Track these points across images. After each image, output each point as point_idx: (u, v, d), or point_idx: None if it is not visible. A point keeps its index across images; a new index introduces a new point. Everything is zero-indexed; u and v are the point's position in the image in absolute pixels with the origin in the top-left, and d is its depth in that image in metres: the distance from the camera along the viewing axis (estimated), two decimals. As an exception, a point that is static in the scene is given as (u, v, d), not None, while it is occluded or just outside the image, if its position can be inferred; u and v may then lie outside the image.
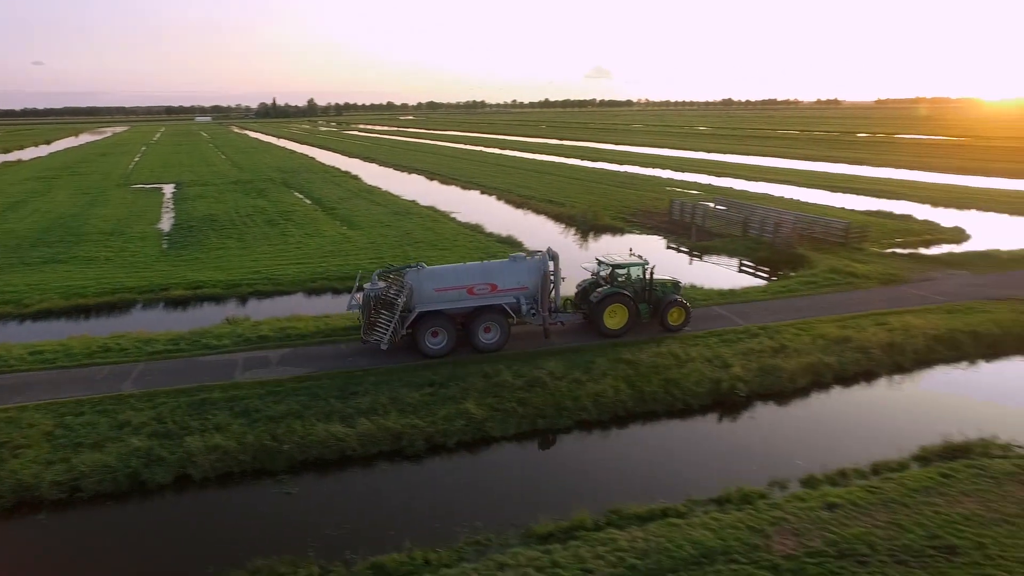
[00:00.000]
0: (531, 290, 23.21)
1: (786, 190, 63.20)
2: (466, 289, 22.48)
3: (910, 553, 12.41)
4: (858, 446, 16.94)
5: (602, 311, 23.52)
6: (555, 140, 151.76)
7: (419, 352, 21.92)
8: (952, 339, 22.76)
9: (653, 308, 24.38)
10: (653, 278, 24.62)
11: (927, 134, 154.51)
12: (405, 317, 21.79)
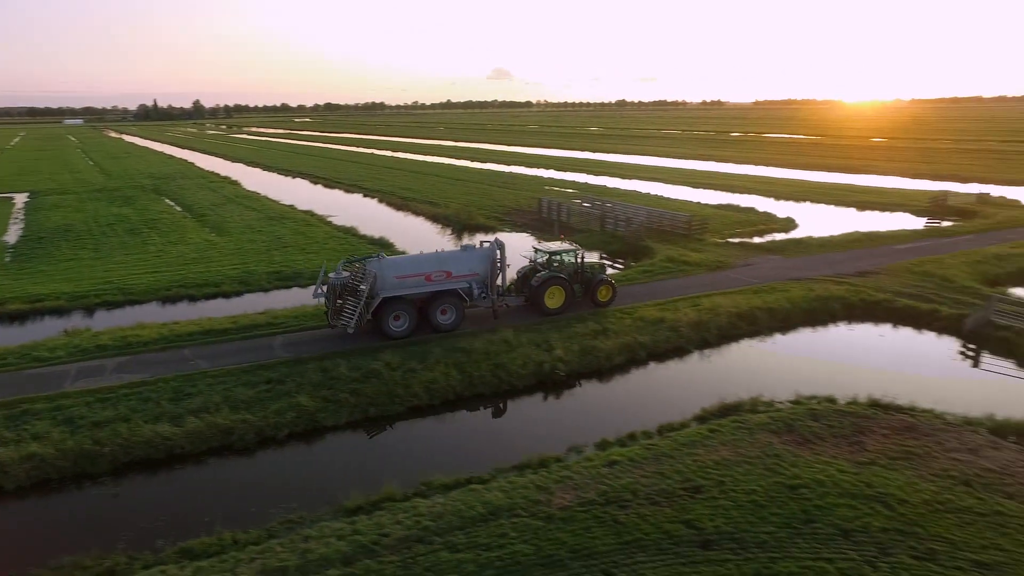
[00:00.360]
0: (481, 275, 25.54)
1: (653, 187, 67.71)
2: (424, 276, 24.52)
3: (664, 495, 14.67)
4: (653, 412, 19.35)
5: (543, 293, 26.24)
6: (450, 142, 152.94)
7: (383, 335, 23.69)
8: (751, 315, 26.10)
9: (585, 288, 27.41)
10: (584, 262, 27.74)
11: (789, 133, 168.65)
12: (369, 303, 23.40)
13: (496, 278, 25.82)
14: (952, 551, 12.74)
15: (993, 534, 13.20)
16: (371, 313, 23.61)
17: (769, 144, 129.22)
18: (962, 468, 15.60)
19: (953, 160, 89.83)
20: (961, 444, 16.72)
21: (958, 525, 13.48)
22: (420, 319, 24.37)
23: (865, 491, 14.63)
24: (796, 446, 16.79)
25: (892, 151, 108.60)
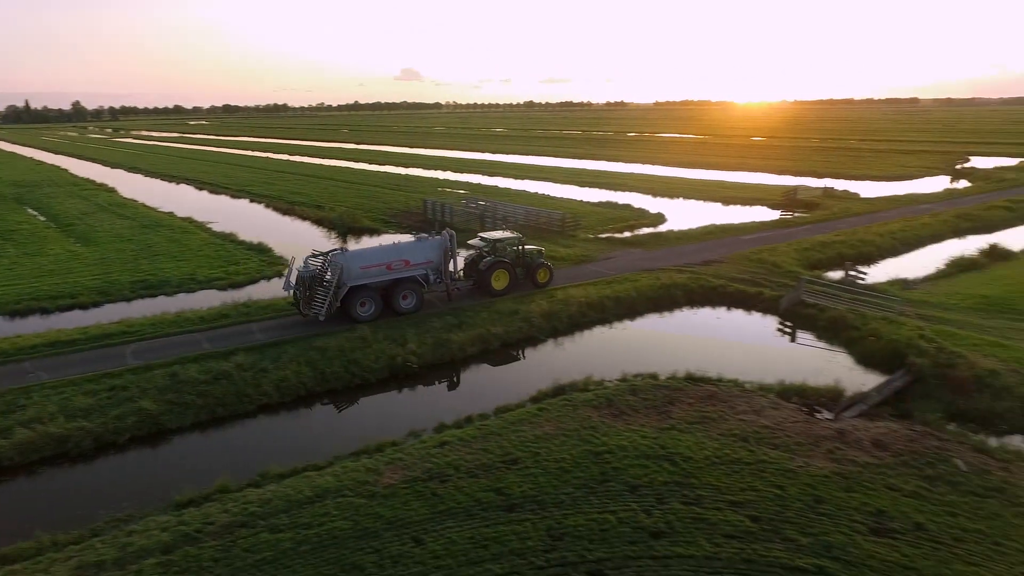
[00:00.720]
0: (435, 263, 28.22)
1: (544, 186, 70.24)
2: (385, 266, 26.91)
3: (483, 468, 16.14)
4: (494, 396, 20.86)
5: (489, 276, 29.25)
6: (351, 145, 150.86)
7: (351, 320, 25.73)
8: (600, 304, 28.32)
9: (526, 271, 30.57)
10: (524, 248, 30.75)
11: (681, 133, 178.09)
12: (337, 292, 25.45)
13: (448, 265, 28.64)
14: (716, 495, 14.90)
15: (752, 479, 15.52)
16: (339, 301, 25.69)
17: (660, 144, 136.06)
18: (744, 427, 18.04)
19: (815, 157, 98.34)
20: (749, 407, 19.26)
21: (726, 474, 15.73)
22: (384, 304, 26.74)
23: (658, 452, 16.70)
24: (612, 418, 18.75)
25: (766, 149, 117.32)
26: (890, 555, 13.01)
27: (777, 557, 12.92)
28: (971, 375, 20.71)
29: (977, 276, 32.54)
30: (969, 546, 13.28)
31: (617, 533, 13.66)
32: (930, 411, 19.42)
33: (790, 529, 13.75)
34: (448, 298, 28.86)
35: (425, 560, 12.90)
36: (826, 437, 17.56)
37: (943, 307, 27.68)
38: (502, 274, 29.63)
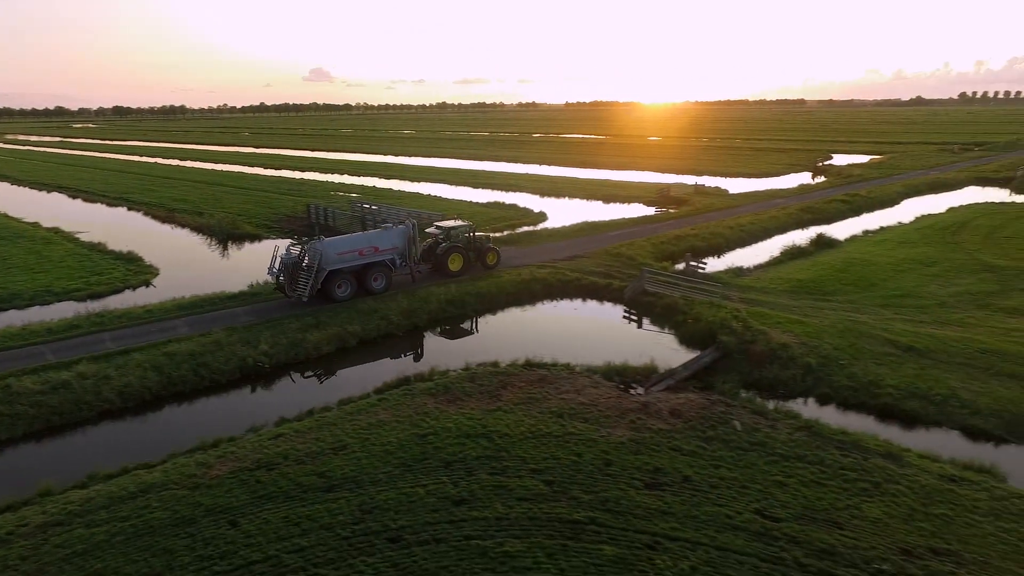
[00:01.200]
0: (401, 249, 31.76)
1: (437, 188, 71.54)
2: (358, 252, 30.22)
3: (311, 456, 17.22)
4: (341, 390, 21.93)
5: (446, 259, 33.23)
6: (250, 148, 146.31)
7: (330, 300, 28.95)
8: (461, 300, 29.91)
9: (477, 254, 34.46)
10: (475, 235, 34.85)
11: (583, 134, 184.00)
12: (318, 275, 28.55)
13: (412, 250, 32.27)
14: (520, 465, 16.70)
15: (556, 449, 17.45)
16: (320, 283, 28.67)
17: (561, 145, 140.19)
18: (563, 405, 20.03)
19: (699, 156, 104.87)
20: (572, 387, 21.32)
21: (535, 446, 17.59)
22: (359, 286, 30.07)
23: (479, 431, 18.36)
24: (447, 404, 20.28)
25: (657, 149, 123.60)
26: (655, 503, 15.18)
27: (558, 514, 14.79)
28: (766, 349, 23.75)
29: (801, 263, 36.58)
30: (721, 491, 15.68)
31: (423, 503, 15.15)
32: (729, 382, 22.19)
33: (576, 489, 15.70)
34: (412, 279, 32.54)
35: (236, 540, 13.89)
36: (632, 409, 19.82)
37: (764, 291, 31.14)
38: (457, 257, 33.62)
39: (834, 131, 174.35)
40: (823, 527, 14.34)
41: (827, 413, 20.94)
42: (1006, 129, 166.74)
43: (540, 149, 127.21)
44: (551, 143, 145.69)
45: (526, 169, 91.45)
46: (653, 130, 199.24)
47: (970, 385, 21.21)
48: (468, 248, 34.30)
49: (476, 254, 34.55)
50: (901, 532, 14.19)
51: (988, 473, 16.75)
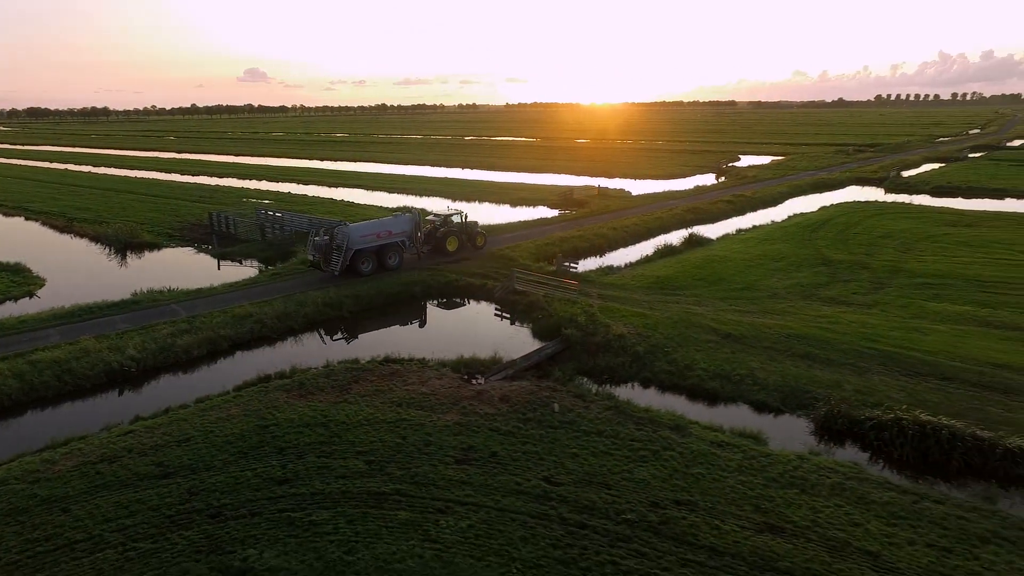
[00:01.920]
0: (408, 233, 38.62)
1: (353, 193, 72.66)
2: (376, 235, 36.92)
3: (155, 448, 18.71)
4: (201, 388, 23.37)
5: (444, 241, 40.19)
6: (171, 153, 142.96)
7: (357, 274, 35.90)
8: (339, 303, 31.62)
9: (468, 237, 41.39)
10: (466, 221, 41.55)
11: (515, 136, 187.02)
12: (346, 254, 35.33)
13: (417, 234, 39.10)
14: (348, 448, 18.66)
15: (385, 434, 19.49)
16: (348, 260, 35.40)
17: (489, 148, 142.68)
18: (405, 395, 22.10)
19: (618, 159, 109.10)
20: (418, 380, 23.42)
21: (367, 432, 19.58)
22: (378, 263, 36.77)
23: (318, 421, 20.23)
24: (297, 398, 22.04)
25: (580, 151, 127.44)
26: (458, 476, 17.40)
27: (369, 488, 16.83)
28: (603, 340, 26.48)
29: (668, 261, 39.86)
30: (520, 463, 18.05)
31: (248, 484, 16.92)
32: (566, 370, 24.74)
33: (392, 467, 17.79)
34: (418, 258, 39.48)
35: (65, 524, 15.35)
36: (467, 397, 22.06)
37: (624, 287, 34.07)
38: (453, 240, 40.55)
39: (752, 133, 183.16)
40: (594, 488, 16.87)
41: (648, 395, 23.76)
42: (904, 131, 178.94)
43: (468, 153, 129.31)
44: (480, 147, 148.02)
45: (448, 173, 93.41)
46: (584, 132, 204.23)
47: (767, 365, 24.41)
48: (461, 232, 41.13)
49: (467, 237, 41.46)
50: (657, 489, 16.86)
51: (753, 438, 19.74)
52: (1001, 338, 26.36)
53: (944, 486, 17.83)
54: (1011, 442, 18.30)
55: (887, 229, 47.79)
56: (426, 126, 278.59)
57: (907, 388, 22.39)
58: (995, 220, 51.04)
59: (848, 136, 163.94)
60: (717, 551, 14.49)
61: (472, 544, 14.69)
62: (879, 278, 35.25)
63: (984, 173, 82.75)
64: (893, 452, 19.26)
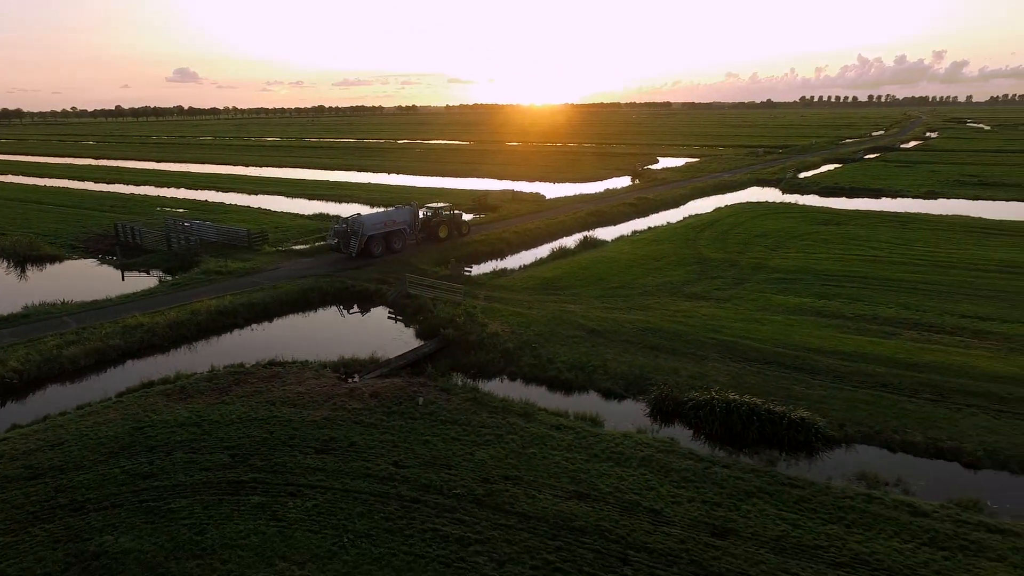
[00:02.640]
0: (409, 222, 46.57)
1: (272, 200, 73.01)
2: (384, 224, 44.50)
3: (25, 453, 19.85)
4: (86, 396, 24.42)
5: (437, 229, 48.18)
6: (88, 160, 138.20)
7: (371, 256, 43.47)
8: (232, 311, 32.90)
9: (455, 226, 49.20)
10: (453, 212, 49.85)
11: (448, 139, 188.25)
12: (361, 239, 42.67)
13: (416, 223, 47.19)
14: (216, 444, 20.26)
15: (255, 430, 21.16)
16: (363, 244, 42.80)
17: (421, 152, 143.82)
18: (281, 395, 23.80)
19: (542, 162, 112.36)
20: (296, 380, 25.15)
21: (238, 429, 21.21)
22: (387, 247, 44.21)
23: (193, 420, 21.73)
24: (178, 401, 23.43)
25: (509, 155, 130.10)
26: (316, 464, 19.32)
27: (229, 477, 18.56)
28: (478, 338, 28.82)
29: (560, 262, 42.66)
30: (375, 451, 20.08)
31: (115, 480, 18.38)
32: (440, 367, 26.95)
33: (256, 458, 19.55)
34: (416, 244, 47.01)
35: (-71, 525, 16.49)
36: (339, 395, 23.95)
37: (511, 289, 36.57)
38: (444, 228, 48.48)
39: (675, 135, 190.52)
40: (436, 469, 19.10)
41: (513, 387, 26.18)
42: (816, 133, 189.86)
43: (399, 157, 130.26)
44: (412, 151, 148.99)
45: (374, 179, 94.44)
46: (517, 135, 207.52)
47: (620, 357, 27.27)
48: (451, 222, 48.87)
49: (455, 226, 49.05)
50: (491, 468, 19.22)
51: (591, 421, 22.42)
52: (823, 325, 30.13)
53: (741, 454, 20.93)
54: (796, 414, 21.56)
55: (765, 228, 52.16)
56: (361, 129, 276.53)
57: (733, 372, 25.61)
58: (862, 218, 56.31)
59: (764, 138, 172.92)
60: (527, 516, 16.93)
61: (313, 521, 16.67)
62: (742, 275, 38.97)
63: (870, 174, 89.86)
64: (706, 428, 22.32)
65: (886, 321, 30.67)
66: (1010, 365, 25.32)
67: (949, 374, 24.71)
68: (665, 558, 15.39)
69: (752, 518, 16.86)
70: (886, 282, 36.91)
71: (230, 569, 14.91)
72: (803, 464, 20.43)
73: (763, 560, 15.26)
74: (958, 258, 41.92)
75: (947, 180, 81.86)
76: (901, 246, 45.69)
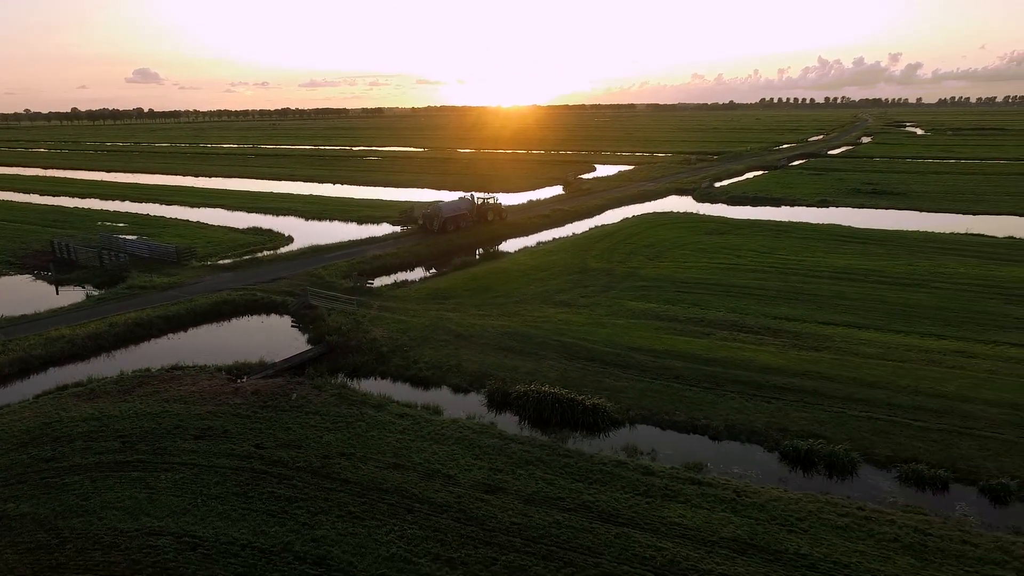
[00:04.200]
0: (469, 208, 64.26)
1: (213, 213, 76.75)
2: (455, 209, 62.72)
3: (-48, 445, 24.21)
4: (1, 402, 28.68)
5: (485, 214, 65.37)
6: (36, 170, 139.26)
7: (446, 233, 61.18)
8: (148, 323, 37.27)
9: (496, 212, 66.40)
10: (496, 202, 67.17)
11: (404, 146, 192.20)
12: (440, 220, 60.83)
13: (473, 209, 64.41)
14: (114, 435, 24.78)
15: (146, 423, 25.73)
16: (442, 223, 60.59)
17: (373, 161, 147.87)
18: (176, 394, 28.36)
19: (487, 171, 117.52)
20: (191, 381, 29.74)
21: (132, 422, 25.75)
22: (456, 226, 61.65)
23: (95, 416, 26.21)
24: (85, 402, 27.85)
25: (457, 163, 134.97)
26: (192, 447, 24.02)
27: (116, 459, 23.16)
28: (357, 343, 33.75)
29: (458, 273, 47.77)
30: (244, 435, 24.85)
31: (21, 463, 22.83)
32: (320, 369, 31.76)
33: (142, 444, 24.17)
34: (473, 223, 63.95)
35: None
36: (226, 392, 28.63)
37: (403, 299, 41.54)
38: (491, 212, 65.70)
39: (627, 141, 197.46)
40: (288, 450, 23.96)
41: (383, 385, 31.15)
42: (758, 137, 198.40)
43: (350, 167, 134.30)
44: (364, 160, 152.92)
45: (316, 190, 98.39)
46: (472, 142, 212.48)
47: (475, 357, 32.43)
48: (495, 209, 66.50)
49: (496, 212, 66.46)
50: (334, 447, 24.13)
51: (433, 410, 27.48)
52: (654, 328, 35.75)
53: (544, 434, 26.21)
54: (590, 402, 26.99)
55: (656, 239, 58.02)
56: (321, 135, 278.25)
57: (562, 369, 30.96)
58: (746, 228, 62.60)
59: (709, 143, 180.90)
60: (347, 481, 21.92)
61: (179, 489, 21.42)
62: (612, 283, 44.54)
63: (781, 183, 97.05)
64: (525, 414, 27.59)
65: (709, 323, 36.41)
66: (782, 359, 31.18)
67: (731, 367, 30.45)
68: (441, 508, 20.54)
69: (522, 480, 22.12)
70: (731, 288, 42.83)
71: (105, 523, 19.62)
72: (591, 441, 25.83)
73: (512, 508, 20.50)
74: (803, 265, 48.21)
75: (844, 189, 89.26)
76: (763, 254, 51.87)
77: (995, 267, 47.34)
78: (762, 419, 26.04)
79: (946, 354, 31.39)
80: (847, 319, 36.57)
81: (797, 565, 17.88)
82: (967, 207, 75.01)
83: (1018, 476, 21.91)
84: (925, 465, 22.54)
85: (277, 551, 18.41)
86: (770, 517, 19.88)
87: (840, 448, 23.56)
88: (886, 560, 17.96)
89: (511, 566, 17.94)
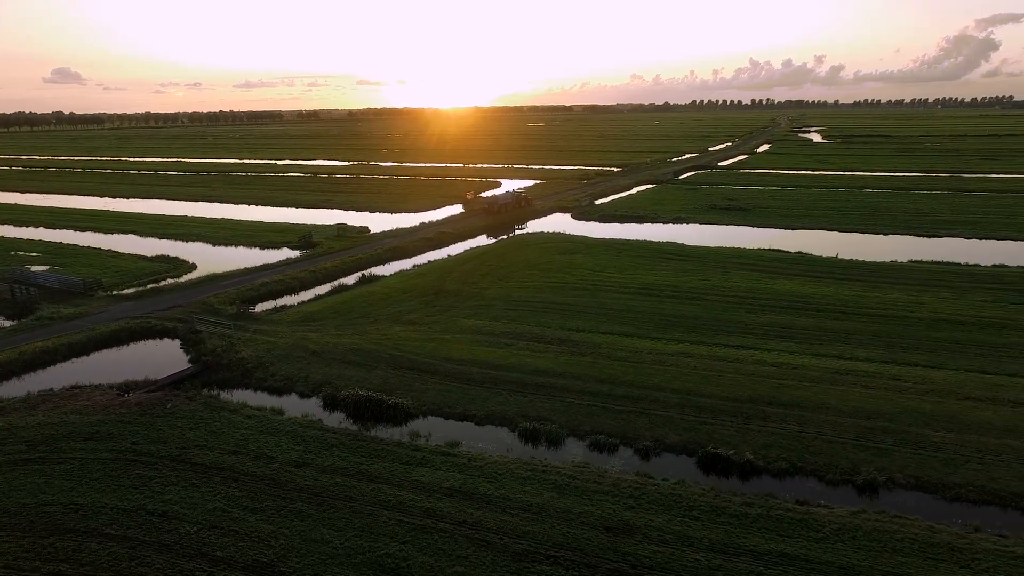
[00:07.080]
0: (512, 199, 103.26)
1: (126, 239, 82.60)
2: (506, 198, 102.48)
3: None
4: (-67, 418, 36.06)
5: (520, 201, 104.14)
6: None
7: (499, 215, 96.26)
8: (54, 350, 44.74)
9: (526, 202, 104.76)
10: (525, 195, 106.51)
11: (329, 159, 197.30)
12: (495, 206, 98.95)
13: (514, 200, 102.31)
14: (19, 439, 32.80)
15: (46, 431, 33.83)
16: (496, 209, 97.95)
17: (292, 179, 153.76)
18: (73, 407, 36.37)
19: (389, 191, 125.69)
20: (85, 396, 37.76)
21: (35, 430, 33.75)
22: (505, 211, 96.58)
23: (5, 428, 34.05)
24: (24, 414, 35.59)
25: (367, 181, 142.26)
26: (79, 446, 32.26)
27: (21, 457, 31.24)
28: (227, 361, 42.35)
29: (332, 297, 56.59)
30: (124, 437, 33.23)
31: (-53, 465, 30.71)
32: (195, 383, 40.20)
33: (43, 446, 32.27)
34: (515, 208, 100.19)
35: None
36: (114, 405, 36.81)
37: (278, 323, 50.16)
38: (524, 202, 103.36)
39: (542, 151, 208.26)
40: (156, 445, 32.49)
41: (246, 395, 39.86)
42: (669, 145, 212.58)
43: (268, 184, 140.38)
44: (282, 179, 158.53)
45: (228, 212, 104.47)
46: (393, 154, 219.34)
47: (321, 369, 41.46)
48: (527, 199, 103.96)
49: (526, 202, 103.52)
50: (191, 441, 32.77)
51: (278, 412, 36.38)
52: (472, 341, 45.61)
53: (361, 427, 35.57)
54: (392, 400, 36.59)
55: (515, 259, 68.21)
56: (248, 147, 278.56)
57: (386, 376, 40.42)
58: (596, 247, 73.51)
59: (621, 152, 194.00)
60: (196, 464, 30.74)
61: (68, 475, 29.77)
62: (456, 303, 54.31)
63: (654, 199, 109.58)
64: (348, 412, 36.92)
65: (517, 336, 46.57)
66: (552, 363, 41.52)
67: (512, 370, 40.57)
68: (258, 478, 29.67)
69: (324, 457, 31.46)
70: (551, 304, 53.22)
71: (12, 500, 27.87)
72: (389, 430, 35.36)
73: (310, 476, 29.80)
74: (619, 282, 59.17)
75: (704, 205, 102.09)
76: (594, 272, 62.67)
77: (768, 280, 59.46)
78: (514, 408, 36.21)
79: (672, 355, 42.48)
80: (622, 329, 47.41)
81: (482, 501, 27.88)
82: (791, 223, 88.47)
83: (662, 441, 32.73)
84: (605, 435, 33.14)
85: (134, 509, 27.24)
86: (481, 475, 29.88)
87: (554, 427, 33.95)
88: (538, 495, 28.20)
89: (295, 510, 27.31)
